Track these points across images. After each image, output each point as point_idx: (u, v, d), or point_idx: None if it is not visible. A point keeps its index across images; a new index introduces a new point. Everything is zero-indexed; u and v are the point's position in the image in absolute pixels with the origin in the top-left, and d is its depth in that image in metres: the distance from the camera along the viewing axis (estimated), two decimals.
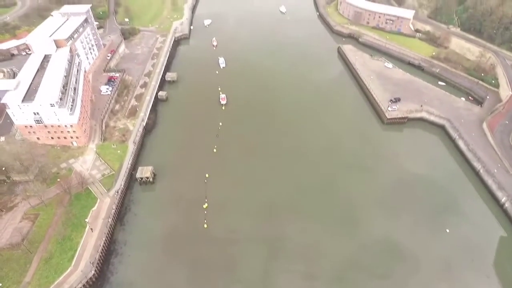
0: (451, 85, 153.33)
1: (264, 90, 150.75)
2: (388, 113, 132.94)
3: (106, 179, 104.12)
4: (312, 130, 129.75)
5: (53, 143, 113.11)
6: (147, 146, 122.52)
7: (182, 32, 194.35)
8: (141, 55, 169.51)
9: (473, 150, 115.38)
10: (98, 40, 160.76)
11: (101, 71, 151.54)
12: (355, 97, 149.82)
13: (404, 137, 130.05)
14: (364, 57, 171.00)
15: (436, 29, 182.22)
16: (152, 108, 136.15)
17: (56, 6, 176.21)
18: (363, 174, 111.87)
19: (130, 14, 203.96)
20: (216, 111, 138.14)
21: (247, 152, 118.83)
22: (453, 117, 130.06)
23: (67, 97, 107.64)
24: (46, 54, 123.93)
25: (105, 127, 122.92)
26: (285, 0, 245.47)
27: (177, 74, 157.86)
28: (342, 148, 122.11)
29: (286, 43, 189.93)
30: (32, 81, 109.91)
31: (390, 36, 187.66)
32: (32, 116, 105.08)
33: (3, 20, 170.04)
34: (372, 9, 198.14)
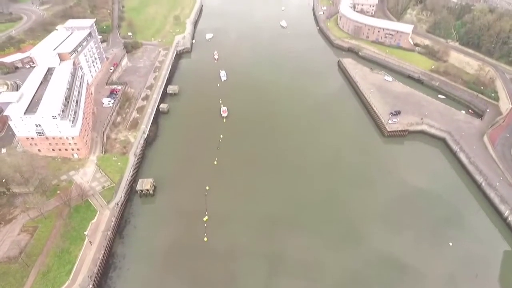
0: (451, 98, 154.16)
1: (265, 103, 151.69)
2: (388, 126, 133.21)
3: (106, 191, 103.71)
4: (313, 143, 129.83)
5: (54, 155, 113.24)
6: (148, 158, 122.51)
7: (184, 46, 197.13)
8: (143, 68, 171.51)
9: (474, 163, 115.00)
10: (101, 54, 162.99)
11: (103, 84, 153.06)
12: (356, 110, 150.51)
13: (405, 150, 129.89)
14: (364, 70, 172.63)
15: (435, 43, 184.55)
16: (153, 121, 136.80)
17: (61, 20, 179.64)
18: (365, 187, 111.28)
19: (133, 28, 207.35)
20: (217, 124, 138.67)
21: (248, 165, 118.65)
22: (454, 130, 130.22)
23: (69, 109, 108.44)
24: (49, 67, 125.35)
25: (106, 139, 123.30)
26: (286, 15, 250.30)
27: (178, 87, 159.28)
28: (343, 161, 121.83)
29: (286, 56, 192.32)
30: (35, 94, 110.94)
31: (390, 50, 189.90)
32: (34, 128, 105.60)
33: (9, 34, 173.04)
34: (371, 23, 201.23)
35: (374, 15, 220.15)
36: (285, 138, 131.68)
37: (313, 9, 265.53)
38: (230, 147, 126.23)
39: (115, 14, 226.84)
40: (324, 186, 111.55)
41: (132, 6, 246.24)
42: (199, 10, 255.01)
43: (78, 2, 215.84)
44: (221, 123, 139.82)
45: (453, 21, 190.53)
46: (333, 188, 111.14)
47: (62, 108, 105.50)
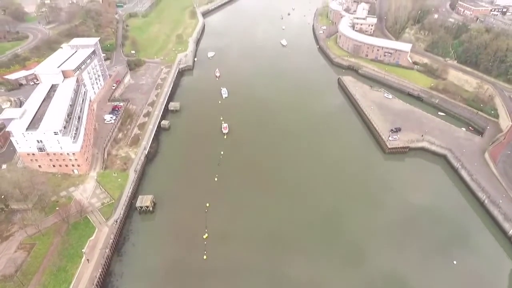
0: (451, 115, 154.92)
1: (266, 120, 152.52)
2: (389, 143, 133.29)
3: (105, 207, 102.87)
4: (314, 160, 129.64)
5: (54, 171, 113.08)
6: (148, 175, 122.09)
7: (186, 64, 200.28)
8: (146, 85, 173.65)
9: (476, 180, 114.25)
10: (104, 71, 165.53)
11: (106, 101, 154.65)
12: (356, 127, 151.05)
13: (406, 166, 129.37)
14: (364, 88, 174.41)
15: (434, 62, 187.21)
16: (154, 137, 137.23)
17: (66, 39, 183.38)
18: (367, 204, 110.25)
19: (137, 46, 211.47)
20: (218, 140, 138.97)
21: (249, 182, 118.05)
22: (455, 147, 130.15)
23: (71, 125, 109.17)
24: (53, 83, 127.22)
25: (107, 155, 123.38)
26: (286, 34, 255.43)
27: (180, 104, 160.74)
28: (344, 178, 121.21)
29: (287, 74, 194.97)
30: (38, 110, 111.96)
31: (389, 68, 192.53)
32: (35, 144, 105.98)
33: (15, 52, 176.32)
34: (370, 42, 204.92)
35: (373, 34, 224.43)
36: (286, 155, 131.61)
37: (313, 28, 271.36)
38: (230, 164, 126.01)
39: (119, 33, 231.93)
40: (325, 203, 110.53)
41: (136, 25, 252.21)
42: (201, 30, 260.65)
43: (83, 21, 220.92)
44: (222, 139, 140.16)
45: (450, 40, 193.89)
46: (334, 205, 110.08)
47: (64, 124, 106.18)
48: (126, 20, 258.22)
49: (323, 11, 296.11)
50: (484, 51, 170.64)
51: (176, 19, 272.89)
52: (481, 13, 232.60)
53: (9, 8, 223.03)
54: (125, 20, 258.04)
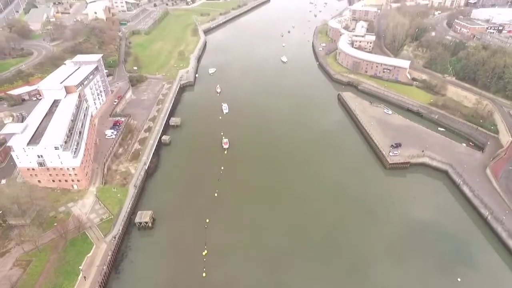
0: (451, 131, 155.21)
1: (266, 135, 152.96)
2: (389, 158, 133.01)
3: (104, 223, 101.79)
4: (315, 175, 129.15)
5: (53, 186, 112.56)
6: (148, 190, 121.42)
7: (188, 80, 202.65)
8: (147, 100, 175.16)
9: (479, 196, 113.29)
10: (106, 87, 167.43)
11: (107, 116, 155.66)
12: (356, 142, 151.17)
13: (408, 182, 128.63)
14: (364, 103, 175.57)
15: (432, 78, 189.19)
16: (154, 152, 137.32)
17: (70, 55, 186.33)
18: (368, 220, 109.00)
19: (139, 63, 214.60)
20: (218, 155, 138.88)
21: (249, 197, 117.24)
22: (456, 162, 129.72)
23: (72, 140, 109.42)
24: (55, 99, 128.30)
25: (107, 170, 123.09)
26: (286, 51, 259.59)
27: (181, 119, 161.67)
28: (345, 194, 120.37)
29: (287, 90, 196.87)
30: (39, 125, 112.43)
31: (388, 84, 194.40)
32: (36, 159, 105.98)
33: (19, 68, 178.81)
34: (369, 59, 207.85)
35: (372, 51, 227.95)
36: (286, 170, 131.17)
37: (312, 45, 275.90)
38: (231, 179, 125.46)
39: (122, 49, 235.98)
40: (326, 219, 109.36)
41: (139, 42, 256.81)
42: (203, 46, 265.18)
43: (87, 39, 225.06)
44: (223, 154, 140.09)
45: (448, 57, 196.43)
46: (336, 221, 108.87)
47: (65, 139, 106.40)
48: (129, 38, 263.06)
49: (322, 29, 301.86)
50: (482, 67, 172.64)
51: (178, 36, 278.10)
52: (478, 31, 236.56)
53: (16, 26, 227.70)
54: (128, 37, 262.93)
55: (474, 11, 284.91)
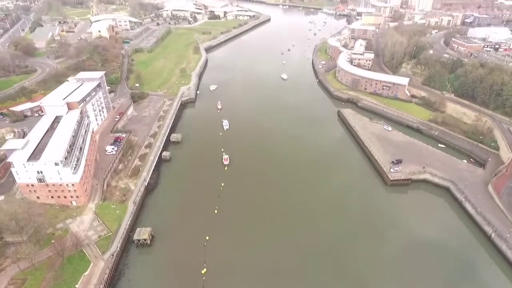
0: (451, 147, 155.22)
1: (267, 151, 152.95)
2: (391, 175, 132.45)
3: (102, 240, 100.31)
4: (316, 191, 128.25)
5: (52, 202, 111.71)
6: (147, 207, 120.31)
7: (189, 96, 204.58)
8: (148, 117, 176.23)
9: (481, 213, 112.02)
10: (108, 103, 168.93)
11: (108, 132, 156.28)
12: (357, 158, 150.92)
13: (409, 199, 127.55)
14: (364, 120, 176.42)
15: (431, 95, 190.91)
16: (155, 168, 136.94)
17: (73, 72, 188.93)
18: (370, 237, 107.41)
19: (141, 80, 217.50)
20: (219, 172, 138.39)
21: (249, 214, 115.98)
22: (457, 179, 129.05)
23: (72, 156, 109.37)
24: (57, 115, 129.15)
25: (107, 187, 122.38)
26: (287, 68, 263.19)
27: (181, 135, 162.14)
28: (346, 211, 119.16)
29: (288, 107, 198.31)
30: (40, 141, 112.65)
31: (388, 101, 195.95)
32: (35, 175, 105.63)
33: (22, 85, 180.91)
34: (369, 76, 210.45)
35: (371, 69, 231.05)
36: (287, 187, 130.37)
37: (312, 63, 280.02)
38: (231, 196, 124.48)
39: (125, 66, 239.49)
40: (328, 236, 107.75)
41: (141, 60, 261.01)
42: (204, 64, 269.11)
43: (90, 56, 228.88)
44: (223, 171, 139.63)
45: (446, 75, 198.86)
46: (337, 238, 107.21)
47: (65, 155, 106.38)
48: (132, 55, 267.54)
49: (322, 47, 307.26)
50: (480, 85, 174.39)
51: (180, 54, 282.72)
52: (475, 49, 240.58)
53: (21, 43, 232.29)
54: (131, 55, 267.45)
55: (470, 30, 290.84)
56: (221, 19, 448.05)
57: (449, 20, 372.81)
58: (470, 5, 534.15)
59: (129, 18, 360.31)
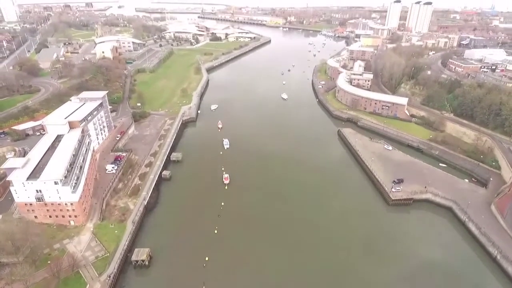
0: (452, 166, 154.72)
1: (267, 171, 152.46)
2: (392, 194, 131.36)
3: (99, 261, 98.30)
4: (317, 211, 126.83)
5: (50, 222, 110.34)
6: (146, 226, 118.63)
7: (190, 116, 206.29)
8: (149, 136, 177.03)
9: (486, 234, 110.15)
10: (109, 122, 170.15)
11: (109, 151, 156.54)
12: (358, 178, 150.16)
13: (412, 219, 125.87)
14: (364, 139, 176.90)
15: (431, 115, 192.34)
16: (155, 187, 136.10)
17: (76, 92, 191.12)
18: (373, 259, 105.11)
19: (143, 99, 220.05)
20: (219, 191, 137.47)
21: (250, 234, 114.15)
22: (459, 199, 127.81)
23: (72, 175, 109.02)
24: (59, 134, 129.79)
25: (106, 206, 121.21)
26: (287, 88, 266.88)
27: (182, 154, 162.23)
28: (348, 231, 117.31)
29: (288, 126, 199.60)
30: (41, 160, 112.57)
31: (387, 120, 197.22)
32: (34, 194, 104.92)
33: (25, 104, 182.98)
34: (368, 96, 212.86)
35: (370, 89, 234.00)
36: (288, 206, 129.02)
37: (312, 83, 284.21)
38: (231, 215, 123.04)
39: (127, 86, 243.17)
40: (330, 257, 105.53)
41: (144, 80, 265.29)
42: (206, 84, 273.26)
43: (93, 76, 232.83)
44: (223, 190, 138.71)
45: (445, 95, 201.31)
46: (339, 258, 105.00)
47: (65, 173, 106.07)
48: (134, 75, 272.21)
49: (321, 68, 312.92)
50: (479, 104, 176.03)
51: (181, 74, 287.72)
52: (472, 70, 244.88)
53: (26, 64, 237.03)
54: (133, 75, 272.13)
55: (466, 52, 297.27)
56: (223, 40, 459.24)
57: (445, 42, 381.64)
58: (465, 28, 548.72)
59: (132, 40, 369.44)
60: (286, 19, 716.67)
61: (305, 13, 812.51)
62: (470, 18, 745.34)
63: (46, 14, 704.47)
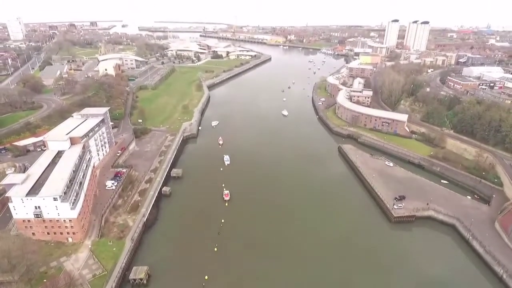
0: (454, 183, 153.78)
1: (268, 187, 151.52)
2: (394, 212, 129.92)
3: (96, 279, 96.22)
4: (318, 229, 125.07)
5: (47, 239, 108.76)
6: (145, 244, 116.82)
7: (191, 132, 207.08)
8: (150, 152, 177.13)
9: (490, 253, 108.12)
10: (111, 138, 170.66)
11: (109, 167, 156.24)
12: (359, 195, 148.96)
13: (414, 236, 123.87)
14: (365, 156, 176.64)
15: (431, 131, 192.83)
16: (154, 204, 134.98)
17: (78, 108, 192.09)
18: (376, 277, 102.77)
19: (144, 116, 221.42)
20: (219, 208, 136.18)
21: (250, 252, 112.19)
22: (462, 216, 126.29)
23: (71, 191, 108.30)
24: (60, 150, 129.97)
25: (104, 223, 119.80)
26: (287, 105, 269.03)
27: (182, 171, 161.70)
28: (350, 249, 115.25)
29: (288, 143, 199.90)
30: (40, 176, 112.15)
31: (388, 137, 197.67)
32: (33, 210, 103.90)
33: (27, 120, 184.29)
34: (368, 113, 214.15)
35: (370, 105, 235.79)
36: (289, 224, 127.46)
37: (312, 100, 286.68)
38: (231, 233, 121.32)
39: (129, 103, 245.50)
40: (332, 275, 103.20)
41: (145, 97, 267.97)
42: (207, 101, 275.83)
43: (96, 93, 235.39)
44: (223, 207, 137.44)
45: (444, 111, 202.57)
46: (341, 277, 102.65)
47: (64, 189, 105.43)
48: (136, 92, 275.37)
49: (321, 85, 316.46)
50: (479, 121, 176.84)
51: (183, 91, 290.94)
52: (470, 87, 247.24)
53: (29, 81, 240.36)
54: (135, 92, 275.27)
55: (464, 69, 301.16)
56: (224, 58, 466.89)
57: (443, 60, 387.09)
58: (462, 46, 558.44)
59: (135, 57, 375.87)
60: (286, 37, 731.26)
61: (305, 32, 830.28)
62: (467, 37, 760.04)
63: (51, 32, 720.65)
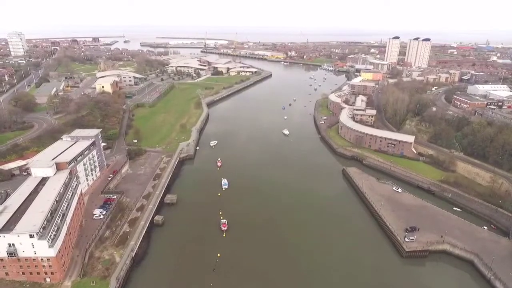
0: (468, 211, 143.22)
1: (269, 214, 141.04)
2: (405, 245, 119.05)
3: None
4: (324, 263, 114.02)
5: (22, 279, 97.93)
6: (132, 282, 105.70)
7: (188, 153, 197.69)
8: (143, 175, 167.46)
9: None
10: (102, 161, 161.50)
11: (99, 193, 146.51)
12: (366, 223, 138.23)
13: (429, 274, 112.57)
14: (371, 179, 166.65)
15: (439, 153, 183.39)
16: (145, 235, 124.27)
17: (70, 128, 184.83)
18: None
19: (140, 135, 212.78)
20: (215, 240, 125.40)
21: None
22: (481, 250, 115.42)
23: (51, 225, 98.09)
24: (44, 177, 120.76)
25: (88, 259, 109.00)
26: (288, 123, 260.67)
27: (177, 197, 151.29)
28: (358, 285, 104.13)
29: (290, 164, 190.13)
30: (19, 208, 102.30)
31: (394, 159, 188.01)
32: (6, 248, 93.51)
33: (15, 142, 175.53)
34: (373, 133, 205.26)
35: (374, 125, 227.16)
36: (292, 258, 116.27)
37: (314, 118, 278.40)
38: (228, 269, 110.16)
39: (124, 122, 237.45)
40: None
41: (142, 115, 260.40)
42: (206, 119, 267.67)
43: (90, 112, 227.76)
44: (220, 238, 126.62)
45: (453, 132, 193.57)
46: None
47: (43, 225, 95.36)
48: (133, 110, 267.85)
49: (323, 102, 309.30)
50: (491, 144, 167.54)
51: (181, 109, 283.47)
52: (478, 106, 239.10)
53: (22, 99, 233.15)
54: (132, 110, 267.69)
55: (469, 87, 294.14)
56: (224, 74, 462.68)
57: (446, 77, 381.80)
58: (464, 63, 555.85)
59: (133, 74, 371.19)
60: (287, 53, 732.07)
61: (306, 48, 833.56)
62: (467, 54, 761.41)
63: (53, 48, 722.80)
